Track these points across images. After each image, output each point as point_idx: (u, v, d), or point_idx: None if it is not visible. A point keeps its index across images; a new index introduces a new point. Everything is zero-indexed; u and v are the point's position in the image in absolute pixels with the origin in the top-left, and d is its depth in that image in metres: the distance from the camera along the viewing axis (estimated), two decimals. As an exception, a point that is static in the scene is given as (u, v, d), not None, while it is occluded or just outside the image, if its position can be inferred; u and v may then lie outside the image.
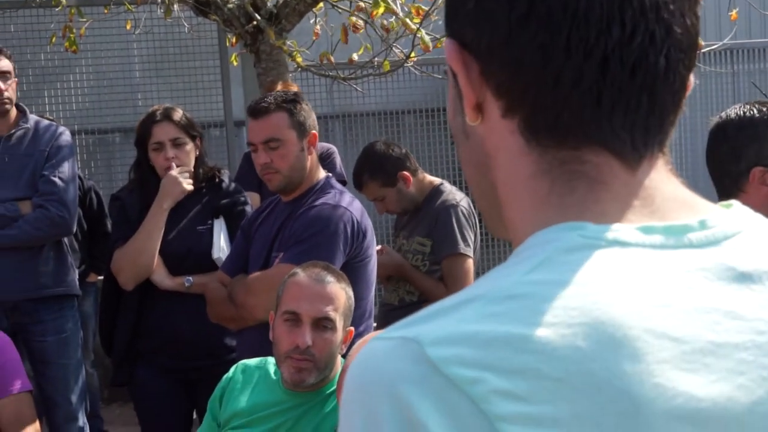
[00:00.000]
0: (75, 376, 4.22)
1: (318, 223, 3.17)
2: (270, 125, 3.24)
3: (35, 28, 6.71)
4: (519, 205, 0.83)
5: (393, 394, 0.71)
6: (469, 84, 0.82)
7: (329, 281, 2.71)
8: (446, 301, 0.77)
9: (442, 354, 0.72)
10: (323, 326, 2.68)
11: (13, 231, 4.01)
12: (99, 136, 7.34)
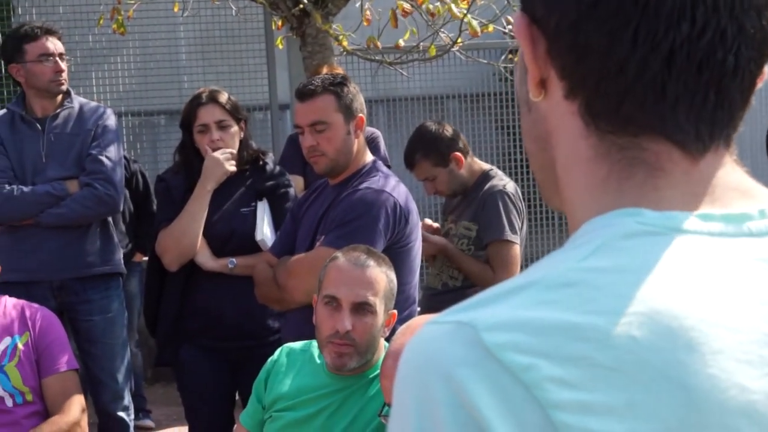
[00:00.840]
0: (120, 355, 4.25)
1: (360, 207, 3.17)
2: (317, 108, 3.24)
3: (83, 9, 6.77)
4: (576, 186, 0.83)
5: (447, 377, 0.71)
6: (535, 60, 0.82)
7: (369, 265, 2.70)
8: (501, 287, 0.77)
9: (497, 340, 0.72)
10: (363, 310, 2.68)
11: (61, 210, 4.05)
12: (144, 118, 7.40)
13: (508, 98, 7.42)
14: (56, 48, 4.16)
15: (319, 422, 2.75)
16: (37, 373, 3.56)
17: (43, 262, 4.05)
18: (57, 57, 4.14)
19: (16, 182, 4.07)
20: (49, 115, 4.16)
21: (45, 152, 4.11)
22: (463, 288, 4.08)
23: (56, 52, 4.15)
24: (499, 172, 4.17)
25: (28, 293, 3.84)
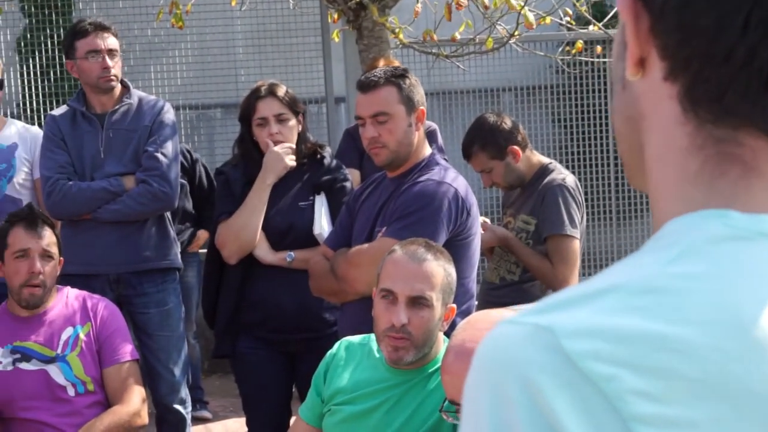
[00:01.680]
0: (177, 348, 4.27)
1: (422, 198, 3.16)
2: (379, 99, 3.23)
3: (142, 4, 6.83)
4: (665, 175, 0.80)
5: (526, 382, 0.70)
6: (636, 37, 0.79)
7: (427, 259, 2.69)
8: (580, 289, 0.74)
9: (578, 347, 0.69)
10: (419, 304, 2.66)
11: (117, 205, 4.08)
12: (201, 111, 7.45)
13: (564, 91, 7.36)
14: (105, 44, 4.14)
15: (378, 416, 2.75)
16: (99, 364, 3.61)
17: (100, 256, 4.09)
18: (105, 53, 4.13)
19: (75, 178, 4.11)
20: (108, 110, 4.19)
21: (103, 148, 4.14)
22: (521, 282, 4.05)
23: (104, 48, 4.14)
24: (558, 165, 4.14)
25: (87, 285, 3.89)
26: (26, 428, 3.52)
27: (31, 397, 3.51)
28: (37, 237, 3.56)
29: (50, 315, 3.61)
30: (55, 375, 3.54)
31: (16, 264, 3.53)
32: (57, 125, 4.17)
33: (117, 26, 4.39)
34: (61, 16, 7.10)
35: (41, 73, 7.06)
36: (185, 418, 4.32)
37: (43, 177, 4.14)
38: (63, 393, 3.54)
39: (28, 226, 3.57)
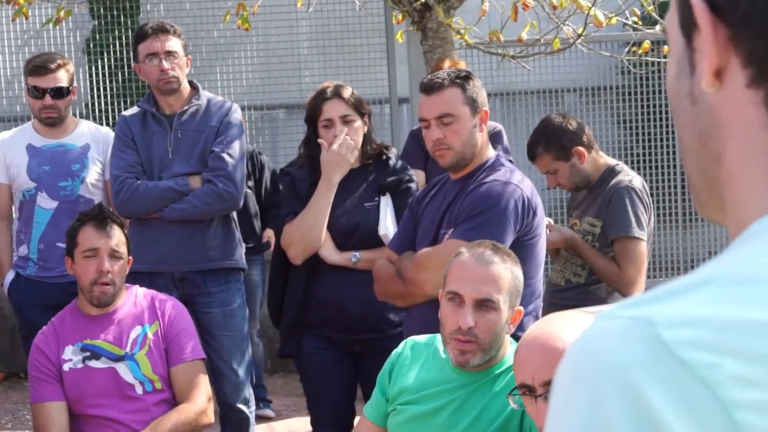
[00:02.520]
0: (240, 348, 4.29)
1: (489, 199, 3.15)
2: (444, 101, 3.22)
3: (209, 5, 6.91)
4: (749, 181, 0.79)
5: (622, 374, 0.69)
6: (715, 49, 0.79)
7: (494, 262, 2.68)
8: (676, 283, 0.74)
9: (677, 336, 0.69)
10: (486, 307, 2.65)
11: (183, 205, 4.12)
12: (264, 112, 7.50)
13: (629, 92, 7.28)
14: (163, 47, 4.16)
15: (443, 417, 2.74)
16: (166, 362, 3.65)
17: (166, 254, 4.14)
18: (162, 56, 4.15)
19: (144, 177, 4.17)
20: (176, 111, 4.23)
21: (171, 148, 4.19)
22: (587, 285, 4.02)
23: (162, 51, 4.15)
24: (625, 167, 4.09)
25: (152, 283, 3.94)
26: (96, 425, 3.57)
27: (100, 394, 3.56)
28: (106, 236, 3.61)
29: (119, 314, 3.66)
30: (123, 373, 3.59)
31: (85, 263, 3.59)
32: (128, 126, 4.23)
33: (183, 27, 4.42)
34: (129, 17, 7.20)
35: (109, 74, 7.16)
36: (249, 418, 4.35)
37: (113, 176, 4.21)
38: (131, 391, 3.59)
39: (97, 226, 3.62)
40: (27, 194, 4.49)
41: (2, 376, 6.85)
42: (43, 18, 6.19)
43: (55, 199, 4.48)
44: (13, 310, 4.66)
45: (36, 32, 6.98)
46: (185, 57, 4.24)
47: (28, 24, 6.28)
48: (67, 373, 3.56)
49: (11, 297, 4.56)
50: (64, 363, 3.57)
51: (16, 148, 4.53)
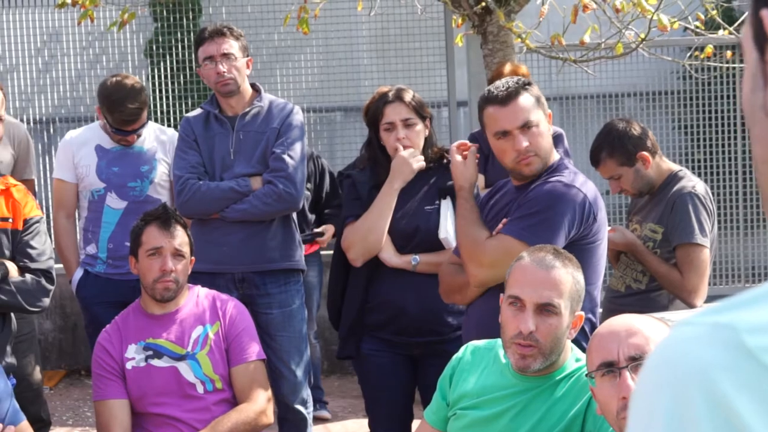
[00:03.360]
0: (299, 350, 4.31)
1: (548, 199, 3.12)
2: (522, 109, 3.16)
3: (270, 8, 6.96)
4: None
5: (705, 379, 0.70)
6: None
7: (555, 266, 2.66)
8: (756, 290, 0.74)
9: (760, 342, 0.70)
10: (547, 312, 2.64)
11: (244, 205, 4.15)
12: (322, 115, 7.55)
13: (690, 97, 7.21)
14: (219, 50, 4.18)
15: (504, 422, 2.73)
16: (227, 362, 3.68)
17: (226, 254, 4.16)
18: (218, 59, 4.18)
19: (205, 178, 4.20)
20: (238, 113, 4.27)
21: (233, 149, 4.22)
22: (648, 291, 3.99)
23: (218, 54, 4.18)
24: (688, 172, 4.05)
25: (213, 284, 3.97)
26: (157, 423, 3.61)
27: (162, 393, 3.60)
28: (169, 236, 3.65)
29: (181, 313, 3.70)
30: (185, 372, 3.62)
31: (149, 262, 3.63)
32: (191, 127, 4.28)
33: (245, 30, 4.44)
34: (191, 20, 7.28)
35: (171, 76, 7.25)
36: (306, 419, 4.37)
37: (175, 176, 4.25)
38: (192, 390, 3.62)
39: (161, 225, 3.66)
40: (96, 194, 4.56)
41: (63, 373, 6.95)
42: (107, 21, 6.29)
43: (124, 199, 4.54)
44: (81, 308, 4.72)
45: (100, 34, 7.09)
46: (244, 59, 4.26)
47: (93, 26, 6.38)
48: (129, 372, 3.61)
49: (79, 294, 4.63)
50: (127, 361, 3.62)
51: (84, 147, 4.60)
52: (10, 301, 3.35)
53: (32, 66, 7.27)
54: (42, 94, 7.34)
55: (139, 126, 4.49)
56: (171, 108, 7.22)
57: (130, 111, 4.43)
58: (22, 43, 7.17)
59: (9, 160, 4.32)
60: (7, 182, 3.53)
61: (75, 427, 5.95)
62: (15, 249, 3.46)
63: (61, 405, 6.27)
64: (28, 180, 4.46)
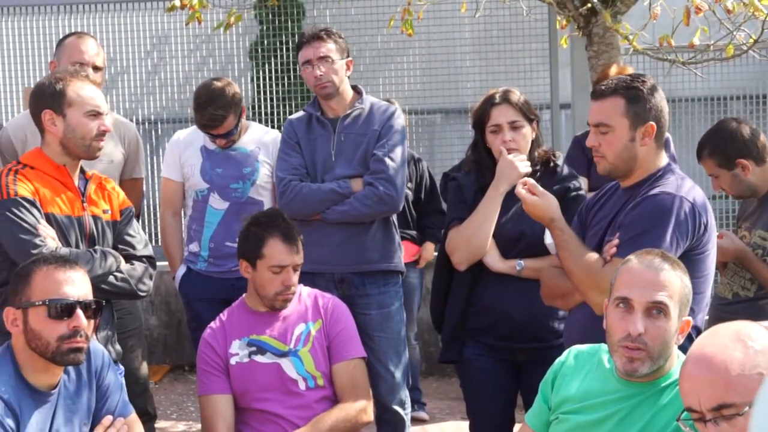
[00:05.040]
0: (397, 350, 4.32)
1: (655, 215, 3.06)
2: (603, 109, 3.17)
3: (373, 11, 7.00)
4: None
5: None
6: None
7: (664, 268, 2.62)
8: None
9: None
10: (656, 313, 2.60)
11: (344, 207, 4.18)
12: (422, 117, 7.55)
13: (802, 100, 7.01)
14: (316, 53, 4.21)
15: (607, 428, 2.70)
16: (328, 359, 3.72)
17: (327, 255, 4.19)
18: (315, 62, 4.21)
19: (307, 179, 4.24)
20: (340, 115, 4.30)
21: (335, 151, 4.25)
22: (756, 299, 3.89)
23: (315, 57, 4.21)
24: None
25: (313, 283, 4.01)
26: (260, 418, 3.66)
27: (264, 388, 3.65)
28: (294, 252, 3.68)
29: (284, 311, 3.74)
30: (287, 369, 3.67)
31: (271, 276, 3.65)
32: (293, 129, 4.33)
33: (348, 33, 4.47)
34: (295, 23, 7.37)
35: (275, 78, 7.35)
36: (404, 419, 4.37)
37: (278, 178, 4.30)
38: (294, 386, 3.66)
39: (286, 241, 3.67)
40: (200, 194, 4.65)
41: (168, 368, 7.10)
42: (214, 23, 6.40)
43: (226, 200, 4.62)
44: (183, 304, 4.82)
45: (207, 37, 7.23)
46: (343, 60, 4.28)
47: (200, 29, 6.50)
48: (233, 367, 3.67)
49: (182, 291, 4.73)
50: (231, 357, 3.68)
51: (190, 148, 4.70)
52: (124, 288, 3.46)
53: (141, 68, 7.46)
54: (150, 96, 7.52)
55: (226, 132, 4.55)
56: (275, 110, 7.31)
57: (211, 116, 4.51)
58: (132, 46, 7.35)
59: (120, 159, 4.43)
60: (97, 175, 3.63)
61: (179, 421, 6.07)
62: (116, 239, 3.55)
63: (165, 399, 6.40)
64: (137, 178, 4.57)
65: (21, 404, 2.80)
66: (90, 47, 4.33)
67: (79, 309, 2.85)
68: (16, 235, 3.32)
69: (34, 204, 3.36)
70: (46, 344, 2.83)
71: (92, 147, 3.47)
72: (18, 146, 4.25)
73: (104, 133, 3.48)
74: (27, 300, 2.85)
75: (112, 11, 7.27)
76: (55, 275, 2.87)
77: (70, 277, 2.88)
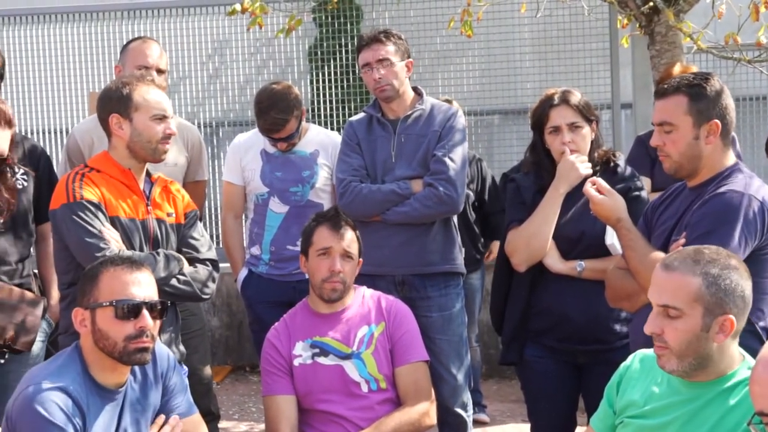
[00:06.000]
0: (459, 352, 4.30)
1: (723, 214, 3.02)
2: (666, 108, 3.15)
3: (433, 12, 7.00)
4: None
5: None
6: None
7: (677, 268, 2.56)
8: None
9: None
10: (672, 313, 2.55)
11: (404, 208, 4.18)
12: (481, 117, 7.53)
13: None
14: (375, 56, 4.21)
15: (672, 431, 2.67)
16: (391, 362, 3.72)
17: (387, 257, 4.20)
18: (374, 65, 4.21)
19: (367, 181, 4.25)
20: (400, 117, 4.30)
21: (395, 152, 4.25)
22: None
23: (374, 60, 4.21)
24: None
25: (373, 286, 4.00)
26: (323, 420, 3.68)
27: (327, 390, 3.67)
28: (339, 237, 3.72)
29: (348, 313, 3.76)
30: (350, 371, 3.68)
31: (318, 261, 3.71)
32: (353, 131, 4.34)
33: (407, 34, 4.46)
34: (355, 25, 7.39)
35: (334, 80, 7.38)
36: (466, 422, 4.36)
37: (338, 179, 4.32)
38: (357, 389, 3.68)
39: (332, 227, 3.74)
40: (260, 198, 4.69)
41: (229, 368, 7.16)
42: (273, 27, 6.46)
43: (286, 203, 4.65)
44: (245, 306, 4.86)
45: (267, 41, 7.29)
46: (403, 62, 4.28)
47: (259, 33, 6.56)
48: (297, 369, 3.69)
49: (244, 293, 4.77)
50: (294, 358, 3.70)
51: (250, 151, 4.73)
52: (187, 291, 3.49)
53: (202, 72, 7.54)
54: (211, 100, 7.60)
55: (287, 135, 4.58)
56: (334, 112, 7.34)
57: (273, 119, 4.54)
58: (193, 50, 7.43)
59: (183, 162, 4.49)
60: (162, 178, 3.68)
61: (241, 422, 6.12)
62: (180, 242, 3.60)
63: (227, 400, 6.46)
64: (200, 181, 4.63)
65: (89, 402, 2.85)
66: (153, 51, 4.39)
67: (145, 309, 2.90)
68: (81, 238, 3.38)
69: (100, 207, 3.42)
70: (114, 344, 2.87)
71: (158, 150, 3.52)
72: (85, 150, 4.33)
73: (170, 136, 3.54)
74: (95, 301, 2.90)
75: (174, 16, 7.37)
76: (122, 276, 2.92)
77: (136, 278, 2.93)
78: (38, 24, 7.52)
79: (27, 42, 7.52)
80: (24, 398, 2.79)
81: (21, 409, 2.78)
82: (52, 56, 7.51)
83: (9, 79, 7.45)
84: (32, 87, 7.54)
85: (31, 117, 7.57)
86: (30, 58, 7.52)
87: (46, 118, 7.57)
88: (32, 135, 7.38)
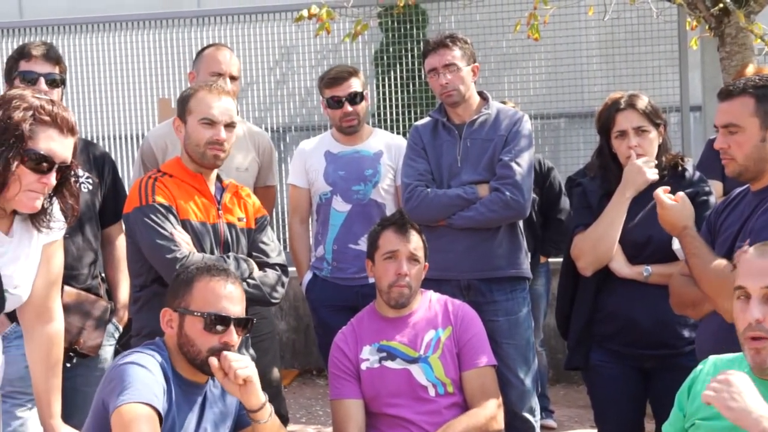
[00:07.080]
0: (526, 357, 4.28)
1: None
2: (731, 110, 3.11)
3: (499, 16, 6.99)
4: None
5: None
6: None
7: None
8: None
9: None
10: None
11: (470, 213, 4.17)
12: (547, 121, 7.49)
13: None
14: (441, 61, 4.21)
15: None
16: (458, 366, 3.73)
17: (453, 261, 4.19)
18: (440, 70, 4.21)
19: (433, 185, 4.25)
20: (466, 121, 4.30)
21: (460, 157, 4.25)
22: None
23: (440, 65, 4.21)
24: None
25: (439, 290, 4.00)
26: (390, 423, 3.70)
27: (394, 394, 3.68)
28: (405, 240, 3.74)
29: (414, 317, 3.77)
30: (417, 375, 3.69)
31: (384, 265, 3.73)
32: (419, 135, 4.35)
33: (473, 38, 4.45)
34: (420, 29, 7.41)
35: (399, 85, 7.40)
36: (534, 427, 4.33)
37: (403, 183, 4.33)
38: (424, 393, 3.69)
39: (397, 230, 3.76)
40: (323, 197, 4.73)
41: (296, 372, 7.21)
42: (339, 32, 6.50)
43: (348, 202, 4.69)
44: (310, 310, 4.90)
45: (333, 46, 7.34)
46: (469, 66, 4.28)
47: (326, 38, 6.60)
48: (364, 372, 3.71)
49: (308, 297, 4.81)
50: (362, 362, 3.73)
51: (315, 154, 4.78)
52: (256, 295, 3.53)
53: (270, 78, 7.61)
54: (279, 105, 7.67)
55: (347, 94, 4.62)
56: (399, 117, 7.37)
57: (336, 72, 4.67)
58: (261, 56, 7.52)
59: (254, 168, 4.54)
60: (233, 184, 3.72)
61: (308, 425, 6.16)
62: (250, 246, 3.64)
63: (294, 403, 6.51)
64: (270, 186, 4.68)
65: (174, 390, 2.90)
66: (226, 57, 4.46)
67: (233, 326, 2.94)
68: (153, 240, 3.44)
69: (171, 210, 3.48)
70: (198, 352, 2.93)
71: (206, 155, 3.55)
72: (159, 155, 4.40)
73: (217, 143, 3.55)
74: (186, 306, 2.95)
75: (242, 23, 7.46)
76: (217, 289, 2.96)
77: (231, 293, 2.97)
78: (109, 31, 7.67)
79: (99, 49, 7.67)
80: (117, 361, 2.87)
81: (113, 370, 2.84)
82: (123, 63, 7.64)
83: (79, 86, 7.61)
84: (103, 93, 7.69)
85: (102, 123, 7.71)
86: (101, 65, 7.67)
87: (116, 124, 7.71)
88: (103, 141, 7.53)
